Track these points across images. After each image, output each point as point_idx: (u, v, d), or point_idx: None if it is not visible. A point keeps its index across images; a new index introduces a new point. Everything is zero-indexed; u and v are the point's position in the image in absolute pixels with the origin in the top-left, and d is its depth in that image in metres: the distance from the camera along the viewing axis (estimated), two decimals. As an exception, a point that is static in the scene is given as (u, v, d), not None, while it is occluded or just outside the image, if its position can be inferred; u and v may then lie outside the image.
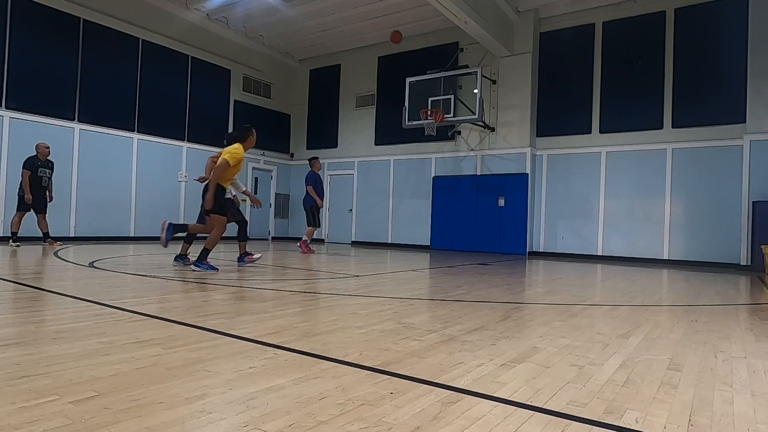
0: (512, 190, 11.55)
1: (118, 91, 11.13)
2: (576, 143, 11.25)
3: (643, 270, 8.29)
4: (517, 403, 1.72)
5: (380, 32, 13.15)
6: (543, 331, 2.97)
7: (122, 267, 5.79)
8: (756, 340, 2.93)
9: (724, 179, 9.63)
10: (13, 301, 3.38)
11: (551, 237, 11.51)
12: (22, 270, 5.21)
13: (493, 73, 11.92)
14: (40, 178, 8.52)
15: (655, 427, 1.55)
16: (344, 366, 2.09)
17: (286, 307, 3.51)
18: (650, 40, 10.48)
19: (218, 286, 4.49)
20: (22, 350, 2.15)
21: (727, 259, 9.53)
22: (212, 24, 12.84)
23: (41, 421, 1.41)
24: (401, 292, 4.60)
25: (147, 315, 3.00)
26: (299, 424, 1.46)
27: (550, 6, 11.23)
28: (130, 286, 4.35)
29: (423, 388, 1.83)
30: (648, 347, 2.65)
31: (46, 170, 8.62)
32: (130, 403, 1.58)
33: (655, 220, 10.29)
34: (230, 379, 1.86)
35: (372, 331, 2.79)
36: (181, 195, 12.46)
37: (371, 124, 14.03)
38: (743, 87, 9.41)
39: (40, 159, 8.54)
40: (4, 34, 9.32)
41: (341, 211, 14.56)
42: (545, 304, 4.12)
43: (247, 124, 6.04)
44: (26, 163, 8.40)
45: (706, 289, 5.62)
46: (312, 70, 15.44)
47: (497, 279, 6.03)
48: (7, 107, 9.36)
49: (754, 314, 4.01)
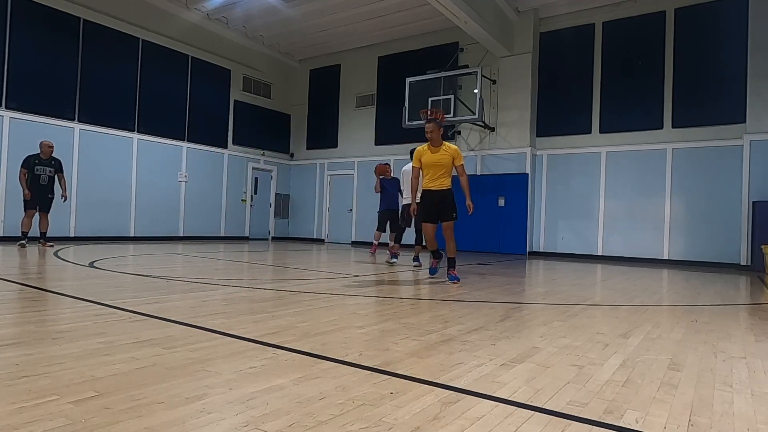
0: (512, 190, 11.54)
1: (118, 91, 11.13)
2: (576, 143, 11.25)
3: (643, 270, 8.29)
4: (517, 403, 1.72)
5: (380, 32, 13.16)
6: (543, 331, 2.97)
7: (122, 267, 5.80)
8: (756, 340, 2.93)
9: (724, 179, 9.62)
10: (13, 301, 3.38)
11: (551, 237, 11.51)
12: (22, 270, 5.21)
13: (493, 73, 11.92)
14: (37, 176, 8.32)
15: (655, 427, 1.55)
16: (344, 366, 2.09)
17: (286, 307, 3.51)
18: (650, 40, 10.47)
19: (218, 286, 4.49)
20: (22, 350, 2.15)
21: (727, 259, 9.52)
22: (212, 24, 12.84)
23: (41, 421, 1.41)
24: (401, 292, 4.60)
25: (147, 315, 3.00)
26: (299, 424, 1.46)
27: (550, 6, 11.23)
28: (130, 286, 4.35)
29: (423, 388, 1.83)
30: (648, 347, 2.65)
31: (45, 168, 8.40)
32: (130, 403, 1.58)
33: (655, 220, 10.29)
34: (230, 379, 1.86)
35: (372, 331, 2.79)
36: (181, 195, 12.45)
37: (371, 124, 14.03)
38: (743, 87, 9.41)
39: (42, 157, 8.40)
40: (4, 34, 9.32)
41: (341, 211, 14.56)
42: (545, 304, 4.12)
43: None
44: (24, 161, 8.31)
45: (706, 289, 5.62)
46: (312, 70, 15.43)
47: (497, 279, 6.03)
48: (7, 107, 9.36)
49: (754, 314, 4.01)
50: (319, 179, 15.05)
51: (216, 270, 5.94)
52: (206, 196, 13.03)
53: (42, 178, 8.38)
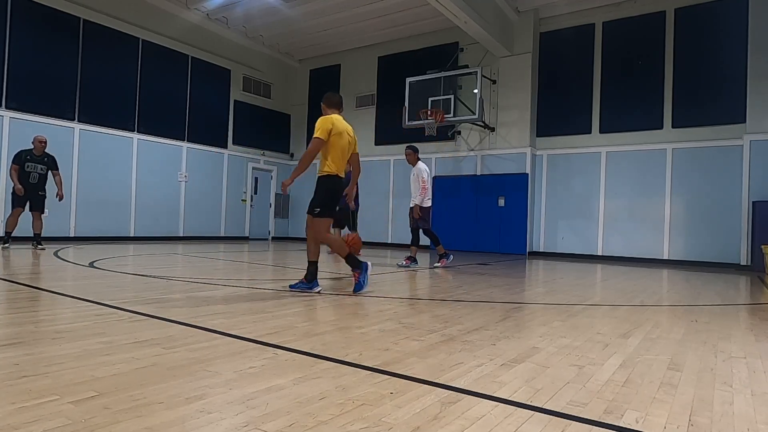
0: (512, 190, 11.54)
1: (118, 91, 11.13)
2: (576, 143, 11.25)
3: (643, 270, 8.29)
4: (517, 403, 1.72)
5: (380, 32, 13.15)
6: (543, 331, 2.97)
7: (122, 267, 5.79)
8: (756, 340, 2.93)
9: (724, 179, 9.62)
10: (13, 301, 3.38)
11: (551, 237, 11.50)
12: (22, 270, 5.20)
13: (493, 73, 11.92)
14: (28, 173, 7.84)
15: (655, 427, 1.55)
16: (344, 366, 2.09)
17: (286, 307, 3.51)
18: (650, 40, 10.47)
19: (218, 286, 4.49)
20: (22, 350, 2.15)
21: (727, 259, 9.52)
22: (212, 24, 12.84)
23: (41, 421, 1.41)
24: (401, 292, 4.61)
25: (147, 315, 3.00)
26: (299, 424, 1.46)
27: (550, 6, 11.23)
28: (130, 286, 4.35)
29: (423, 388, 1.83)
30: (648, 347, 2.65)
31: (37, 165, 7.93)
32: (130, 403, 1.58)
33: (655, 220, 10.29)
34: (230, 379, 1.86)
35: (372, 331, 2.79)
36: (181, 195, 12.45)
37: (371, 124, 14.03)
38: (743, 87, 9.41)
39: (34, 153, 7.96)
40: (4, 34, 9.32)
41: (341, 211, 14.54)
42: (545, 304, 4.12)
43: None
44: (14, 157, 7.89)
45: (706, 289, 5.62)
46: (312, 70, 15.43)
47: (497, 279, 6.03)
48: (7, 107, 9.36)
49: (754, 314, 4.01)
50: (319, 179, 15.01)
51: (216, 270, 5.94)
52: (206, 196, 13.03)
53: (32, 176, 7.89)
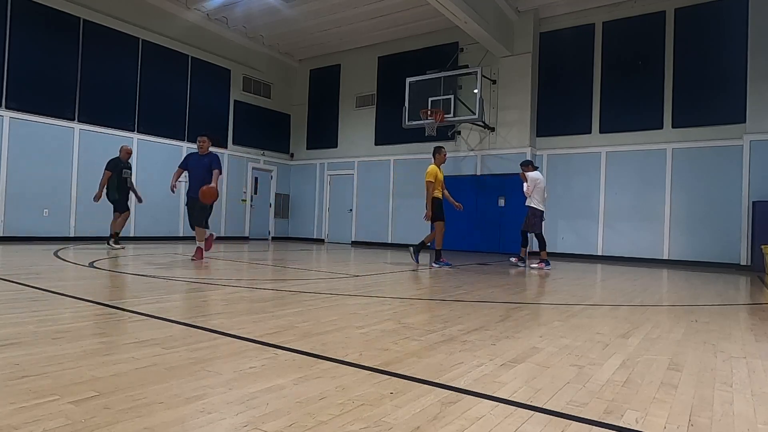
0: (512, 190, 11.52)
1: (118, 91, 11.13)
2: (576, 143, 11.24)
3: (643, 270, 8.29)
4: (517, 403, 1.72)
5: (380, 32, 13.15)
6: (543, 331, 2.97)
7: (122, 267, 5.79)
8: (756, 340, 2.93)
9: (724, 179, 9.62)
10: (13, 301, 3.38)
11: (551, 237, 11.48)
12: (22, 270, 5.20)
13: (493, 73, 11.91)
14: (124, 179, 8.70)
15: (655, 427, 1.55)
16: (344, 366, 2.09)
17: (286, 307, 3.51)
18: (650, 40, 10.47)
19: (218, 286, 4.49)
20: (22, 350, 2.15)
21: (727, 259, 9.52)
22: (212, 24, 12.84)
23: (41, 421, 1.41)
24: (401, 292, 4.60)
25: (147, 315, 3.00)
26: (299, 424, 1.46)
27: (550, 6, 11.22)
28: (130, 286, 4.35)
29: (423, 388, 1.83)
30: (648, 347, 2.65)
31: (128, 171, 8.80)
32: (130, 403, 1.58)
33: (655, 220, 10.28)
34: (230, 379, 1.86)
35: (372, 331, 2.79)
36: (181, 195, 12.43)
37: (371, 124, 14.03)
38: (743, 87, 9.41)
39: (122, 161, 8.69)
40: (4, 34, 9.32)
41: (341, 211, 14.56)
42: (545, 304, 4.12)
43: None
44: (109, 164, 8.59)
45: (706, 289, 5.62)
46: (312, 70, 15.43)
47: (497, 279, 6.03)
48: (8, 107, 9.36)
49: (754, 314, 4.01)
50: (319, 179, 15.05)
51: (216, 270, 5.94)
52: (206, 196, 13.01)
53: (128, 181, 8.80)
